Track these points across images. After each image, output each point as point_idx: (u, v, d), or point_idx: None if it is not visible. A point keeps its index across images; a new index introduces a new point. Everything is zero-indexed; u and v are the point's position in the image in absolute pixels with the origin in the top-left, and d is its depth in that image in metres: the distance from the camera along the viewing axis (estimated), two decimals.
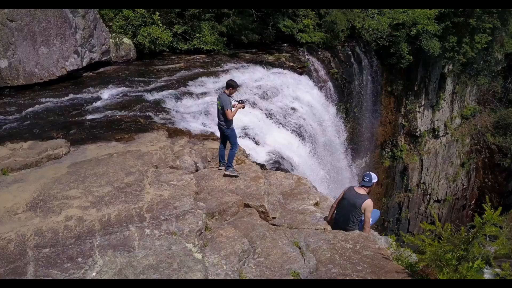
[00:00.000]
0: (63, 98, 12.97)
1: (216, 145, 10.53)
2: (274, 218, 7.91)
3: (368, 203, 7.03)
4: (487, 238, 5.24)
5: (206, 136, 11.85)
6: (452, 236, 4.86)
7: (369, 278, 5.24)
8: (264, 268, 5.84)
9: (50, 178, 7.92)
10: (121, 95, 13.50)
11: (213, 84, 15.22)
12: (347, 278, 5.28)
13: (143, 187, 7.47)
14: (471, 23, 26.02)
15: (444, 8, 24.48)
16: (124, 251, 5.60)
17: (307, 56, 20.86)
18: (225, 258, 5.76)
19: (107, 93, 13.54)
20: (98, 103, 12.87)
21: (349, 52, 23.82)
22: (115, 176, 7.88)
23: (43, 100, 12.68)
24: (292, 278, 5.55)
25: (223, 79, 15.14)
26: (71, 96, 13.18)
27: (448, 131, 32.10)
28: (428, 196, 32.17)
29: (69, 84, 14.25)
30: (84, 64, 14.93)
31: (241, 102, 9.00)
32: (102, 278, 5.07)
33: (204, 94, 14.37)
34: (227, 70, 16.91)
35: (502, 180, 33.83)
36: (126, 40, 16.81)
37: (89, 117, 11.89)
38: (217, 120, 9.06)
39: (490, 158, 33.97)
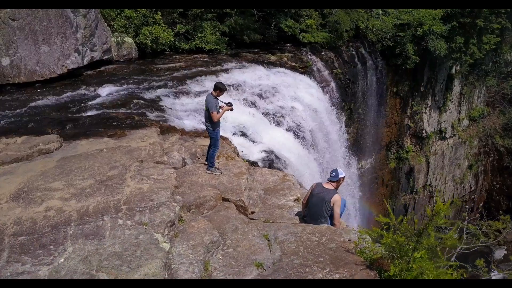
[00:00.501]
0: (62, 96, 13.27)
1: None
2: (253, 212, 8.07)
3: (337, 198, 7.16)
4: None
5: (198, 134, 12.02)
6: (406, 229, 4.97)
7: (327, 269, 5.36)
8: (231, 258, 6.00)
9: (38, 171, 8.17)
10: (119, 93, 13.74)
11: (211, 83, 15.36)
12: (307, 269, 5.41)
13: (124, 180, 7.66)
14: (479, 24, 25.81)
15: (450, 8, 24.32)
16: (94, 240, 5.81)
17: (309, 56, 20.89)
18: (192, 248, 5.93)
19: (105, 91, 13.81)
20: (96, 101, 13.12)
21: (353, 53, 23.80)
22: (99, 170, 8.09)
23: (42, 97, 12.99)
24: (255, 268, 5.70)
25: (222, 78, 15.34)
26: (70, 93, 13.48)
27: (455, 133, 31.83)
28: (434, 198, 31.92)
29: (70, 82, 14.57)
30: (85, 62, 15.26)
31: (229, 104, 9.15)
32: (69, 264, 5.29)
33: (201, 92, 14.54)
34: (228, 70, 17.05)
35: (510, 183, 33.39)
36: (128, 40, 17.11)
37: (85, 114, 12.14)
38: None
39: (498, 161, 33.59)
